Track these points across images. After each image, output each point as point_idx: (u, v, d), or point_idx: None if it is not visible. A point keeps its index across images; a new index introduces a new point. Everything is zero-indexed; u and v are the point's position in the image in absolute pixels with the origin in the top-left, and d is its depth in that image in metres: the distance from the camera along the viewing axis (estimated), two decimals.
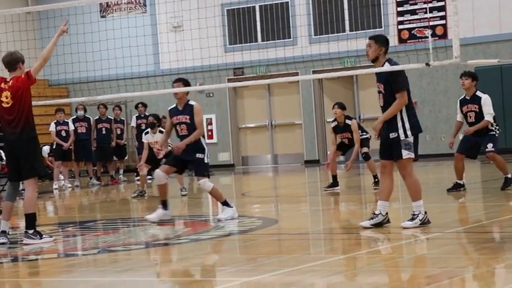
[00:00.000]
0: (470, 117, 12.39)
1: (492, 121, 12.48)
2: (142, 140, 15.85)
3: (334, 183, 13.98)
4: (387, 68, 9.07)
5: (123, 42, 19.96)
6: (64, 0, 19.69)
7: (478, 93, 12.38)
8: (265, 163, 24.16)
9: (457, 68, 21.16)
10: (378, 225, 8.82)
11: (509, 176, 12.35)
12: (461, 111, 12.52)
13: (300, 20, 22.13)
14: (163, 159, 15.30)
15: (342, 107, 14.04)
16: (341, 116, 13.96)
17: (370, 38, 9.06)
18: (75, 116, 20.72)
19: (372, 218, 8.89)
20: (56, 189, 19.15)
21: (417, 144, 8.94)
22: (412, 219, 8.77)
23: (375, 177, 13.75)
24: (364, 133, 14.18)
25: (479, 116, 12.31)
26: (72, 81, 22.92)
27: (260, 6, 23.11)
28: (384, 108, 8.87)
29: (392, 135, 8.79)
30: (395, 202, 11.66)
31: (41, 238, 9.20)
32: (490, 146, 12.34)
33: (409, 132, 8.75)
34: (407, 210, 10.47)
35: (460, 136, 13.03)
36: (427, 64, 10.17)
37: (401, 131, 8.76)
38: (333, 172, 14.00)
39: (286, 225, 10.28)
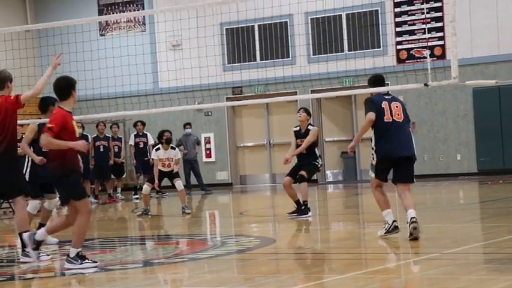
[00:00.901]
0: None
1: None
2: (152, 157, 15.65)
3: (300, 209, 12.94)
4: (386, 88, 9.18)
5: (122, 60, 20.00)
6: (63, 18, 19.79)
7: None
8: (264, 182, 24.13)
9: (455, 89, 21.23)
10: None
11: None
12: None
13: (299, 39, 22.19)
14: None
15: (307, 112, 13.70)
16: (305, 121, 13.46)
17: None
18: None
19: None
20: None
21: (384, 168, 9.81)
22: (383, 227, 9.85)
23: (298, 202, 12.97)
24: (316, 161, 13.48)
25: None
26: None
27: (259, 26, 23.18)
28: None
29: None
30: None
31: (38, 258, 9.17)
32: None
33: (374, 156, 9.90)
34: (404, 230, 10.45)
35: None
36: (426, 84, 10.19)
37: (371, 154, 9.96)
38: (293, 198, 13.12)
39: (284, 244, 10.26)
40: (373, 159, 9.87)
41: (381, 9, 21.91)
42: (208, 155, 24.13)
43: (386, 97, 9.91)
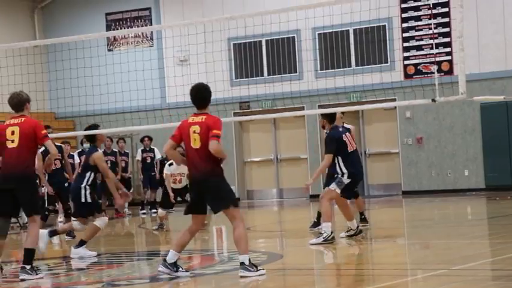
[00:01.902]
0: None
1: None
2: (165, 172, 15.12)
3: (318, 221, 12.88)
4: (395, 103, 9.21)
5: (130, 75, 20.06)
6: (71, 34, 19.86)
7: None
8: (271, 197, 24.11)
9: (462, 104, 21.20)
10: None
11: None
12: None
13: (306, 54, 22.22)
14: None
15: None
16: (339, 119, 12.95)
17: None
18: (80, 149, 20.75)
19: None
20: (60, 222, 19.08)
21: (352, 188, 11.54)
22: (318, 237, 11.13)
23: (362, 214, 13.40)
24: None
25: None
26: (78, 114, 23.00)
27: (266, 41, 23.22)
28: None
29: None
30: (399, 238, 11.61)
31: (37, 274, 9.18)
32: None
33: (345, 175, 11.28)
34: (412, 246, 10.41)
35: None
36: (433, 100, 10.18)
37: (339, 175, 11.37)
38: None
39: (291, 260, 10.22)
40: (342, 176, 11.28)
41: (389, 25, 21.93)
42: None
43: (341, 130, 11.69)
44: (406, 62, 21.94)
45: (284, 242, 12.79)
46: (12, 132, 9.22)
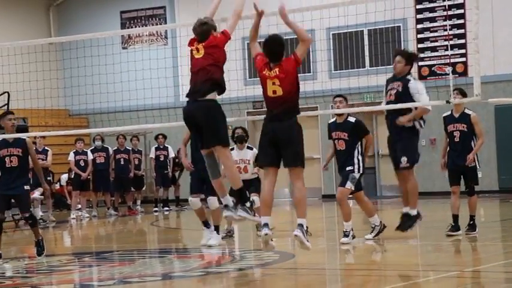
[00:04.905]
0: None
1: None
2: None
3: (456, 225, 11.77)
4: (411, 104, 9.31)
5: (144, 73, 20.10)
6: (86, 32, 19.93)
7: None
8: (283, 197, 24.10)
9: (476, 106, 21.11)
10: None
11: None
12: None
13: (321, 55, 22.20)
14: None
15: (462, 93, 11.64)
16: (460, 105, 11.96)
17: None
18: (93, 146, 20.83)
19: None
20: (73, 218, 19.17)
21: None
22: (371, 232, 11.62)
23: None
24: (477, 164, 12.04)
25: None
26: (92, 111, 23.05)
27: None
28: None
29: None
30: (412, 239, 11.60)
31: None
32: None
33: (360, 168, 12.09)
34: (424, 248, 10.37)
35: None
36: (448, 101, 10.16)
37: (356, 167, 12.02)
38: (454, 211, 11.98)
39: (303, 260, 10.22)
40: (357, 171, 12.13)
41: (403, 26, 21.89)
42: None
43: None
44: (421, 63, 21.89)
45: (296, 241, 12.76)
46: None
